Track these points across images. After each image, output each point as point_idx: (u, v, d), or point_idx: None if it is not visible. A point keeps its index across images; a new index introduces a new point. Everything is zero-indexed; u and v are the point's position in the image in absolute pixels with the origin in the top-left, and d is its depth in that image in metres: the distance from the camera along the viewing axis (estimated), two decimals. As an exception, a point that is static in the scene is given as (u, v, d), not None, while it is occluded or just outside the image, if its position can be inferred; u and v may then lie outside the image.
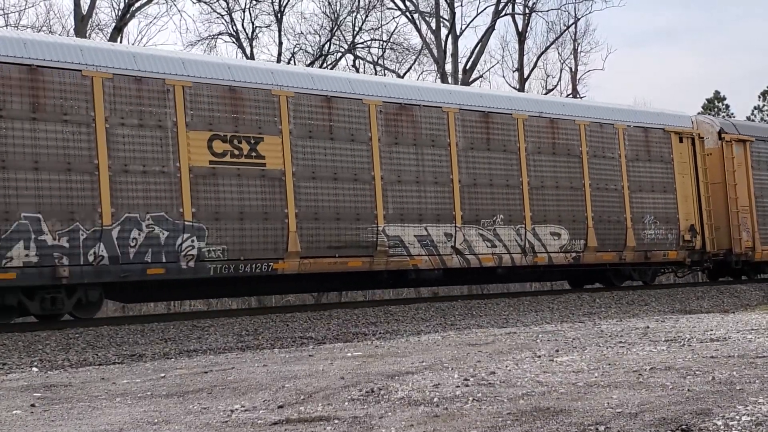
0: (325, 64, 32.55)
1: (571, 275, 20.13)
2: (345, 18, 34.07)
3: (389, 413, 5.05)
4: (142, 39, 32.00)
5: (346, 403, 5.44)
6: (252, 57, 31.17)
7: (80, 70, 12.67)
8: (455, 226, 16.15)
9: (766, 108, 55.82)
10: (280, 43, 32.28)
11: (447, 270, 16.26)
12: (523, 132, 17.36)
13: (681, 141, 20.03)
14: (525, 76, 38.18)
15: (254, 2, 32.47)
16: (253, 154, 14.00)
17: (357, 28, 34.31)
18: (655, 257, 19.36)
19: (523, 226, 17.18)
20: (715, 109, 53.40)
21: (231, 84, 13.93)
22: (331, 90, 15.02)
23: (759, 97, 56.70)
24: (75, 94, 12.54)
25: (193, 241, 13.26)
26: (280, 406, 5.48)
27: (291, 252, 14.18)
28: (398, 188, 15.58)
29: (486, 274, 17.69)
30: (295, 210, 14.32)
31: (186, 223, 13.23)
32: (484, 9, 39.75)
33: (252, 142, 14.00)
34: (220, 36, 32.39)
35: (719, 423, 4.37)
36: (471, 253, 16.29)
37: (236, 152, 13.85)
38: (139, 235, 12.87)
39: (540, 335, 9.70)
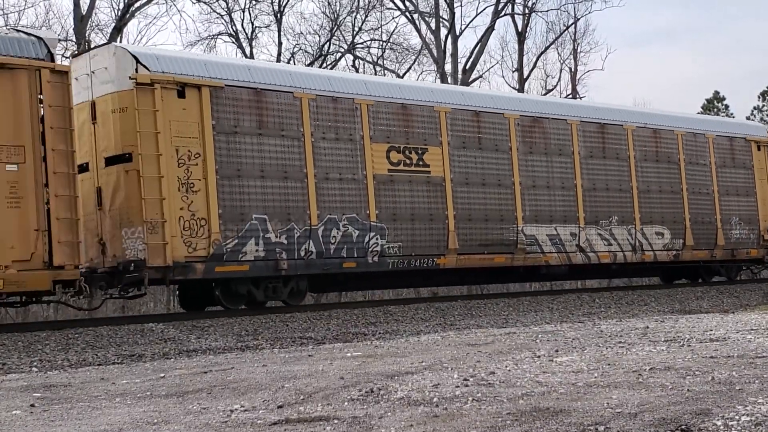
0: (324, 65, 32.54)
1: (664, 271, 22.10)
2: (345, 18, 34.08)
3: (389, 413, 5.05)
4: (141, 39, 31.98)
5: (346, 403, 5.44)
6: (252, 57, 31.16)
7: (292, 92, 14.75)
8: (579, 227, 18.22)
9: (765, 108, 55.82)
10: (280, 44, 32.29)
11: (571, 266, 18.31)
12: (632, 141, 19.47)
13: (759, 149, 22.37)
14: (525, 77, 38.19)
15: (254, 2, 32.47)
16: (420, 163, 16.09)
17: (357, 29, 34.32)
18: (739, 255, 21.51)
19: (634, 226, 19.24)
20: (715, 110, 53.42)
21: (402, 102, 16.03)
22: (478, 105, 17.11)
23: (759, 97, 56.70)
24: (289, 113, 14.68)
25: (377, 239, 15.37)
26: (280, 406, 5.47)
27: (450, 249, 16.25)
28: (533, 192, 17.63)
29: (602, 269, 19.97)
30: (453, 212, 16.37)
31: (372, 223, 15.32)
32: (484, 9, 39.66)
33: (419, 152, 16.09)
34: (219, 36, 32.38)
35: (719, 423, 4.37)
36: (592, 250, 18.36)
37: (408, 161, 15.93)
38: (337, 233, 14.92)
39: (539, 335, 9.70)
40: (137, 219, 13.17)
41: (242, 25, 33.54)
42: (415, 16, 35.37)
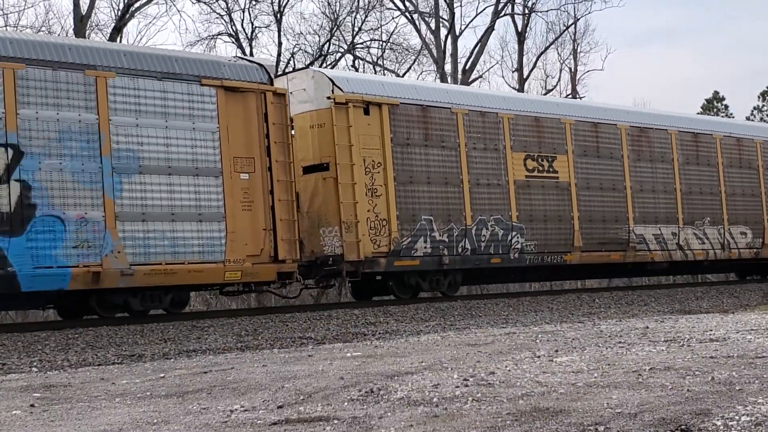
0: (324, 65, 32.53)
1: (742, 268, 23.83)
2: (344, 18, 34.05)
3: (389, 413, 5.05)
4: (141, 39, 32.00)
5: (346, 404, 5.44)
6: (251, 56, 31.13)
7: (450, 108, 16.85)
8: (678, 227, 20.32)
9: (765, 108, 55.83)
10: (280, 44, 32.27)
11: (671, 262, 20.31)
12: (720, 150, 21.60)
13: None
14: (524, 77, 38.20)
15: (254, 2, 32.46)
16: (550, 169, 18.10)
17: (356, 29, 34.30)
18: None
19: (722, 226, 21.37)
20: (714, 110, 53.41)
21: (536, 115, 18.10)
22: (595, 117, 19.17)
23: (758, 97, 56.72)
24: (448, 126, 16.73)
25: (517, 237, 17.36)
26: (280, 407, 5.47)
27: (575, 247, 18.29)
28: (641, 196, 19.66)
29: (696, 266, 22.07)
30: (578, 213, 18.38)
31: (513, 223, 17.37)
32: (484, 9, 39.70)
33: (549, 160, 18.11)
34: (219, 36, 32.37)
35: (719, 423, 4.37)
36: (689, 248, 20.48)
37: (540, 168, 17.94)
38: (486, 232, 16.97)
39: (539, 335, 9.70)
40: (334, 220, 15.34)
41: (242, 25, 33.49)
42: (415, 16, 35.40)
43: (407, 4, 35.39)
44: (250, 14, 32.78)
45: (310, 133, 15.46)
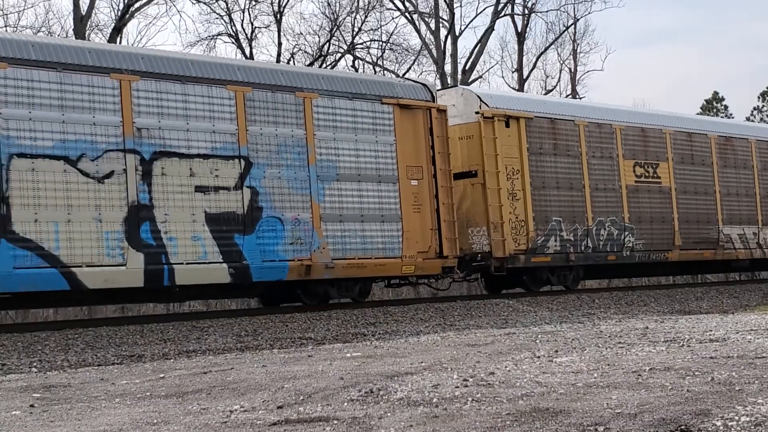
0: (324, 65, 32.53)
1: None
2: (344, 18, 34.04)
3: (388, 414, 5.05)
4: (141, 40, 31.96)
5: (346, 404, 5.44)
6: (251, 57, 31.17)
7: (573, 120, 18.65)
8: (758, 227, 22.12)
9: (765, 109, 55.83)
10: (280, 44, 32.26)
11: (752, 260, 22.05)
12: None
13: None
14: (524, 77, 38.20)
15: (253, 3, 32.46)
16: (654, 175, 19.97)
17: (356, 29, 34.30)
18: None
19: None
20: (714, 110, 53.42)
21: (641, 126, 19.95)
22: (690, 128, 21.00)
23: (758, 97, 56.73)
24: (571, 137, 18.56)
25: (629, 237, 19.16)
26: (280, 407, 5.48)
27: (675, 245, 20.00)
28: (728, 199, 21.44)
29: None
30: (677, 215, 20.15)
31: (626, 224, 19.14)
32: (483, 10, 39.69)
33: (653, 167, 19.97)
34: (219, 36, 32.35)
35: (718, 423, 4.37)
36: (766, 247, 22.26)
37: (646, 174, 19.81)
38: (604, 232, 18.79)
39: (539, 336, 9.70)
40: (482, 221, 17.25)
41: (242, 25, 33.54)
42: (415, 16, 35.37)
43: (407, 4, 35.39)
44: (249, 14, 32.80)
45: (458, 144, 17.43)
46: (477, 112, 17.32)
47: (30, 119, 11.91)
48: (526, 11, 37.35)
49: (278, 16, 32.36)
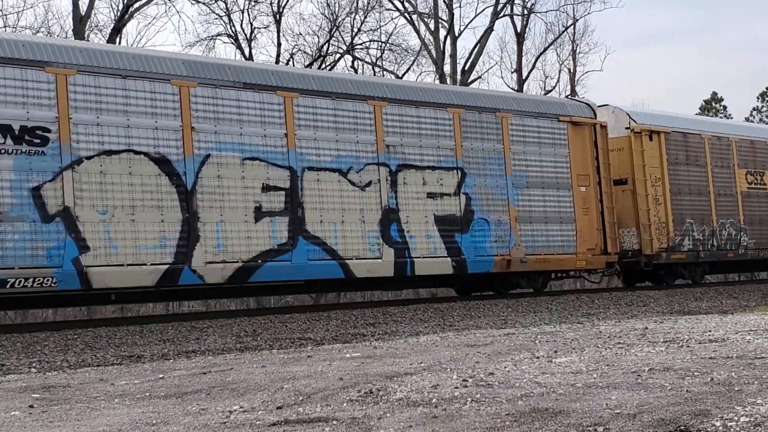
0: (323, 65, 32.52)
1: None
2: (344, 19, 34.04)
3: (388, 414, 5.05)
4: (140, 40, 31.96)
5: (345, 404, 5.44)
6: (251, 58, 31.16)
7: (699, 134, 21.22)
8: None
9: (765, 109, 55.85)
10: (279, 44, 32.24)
11: None
12: None
13: None
14: (523, 78, 38.20)
15: (253, 3, 32.46)
16: (762, 182, 22.82)
17: (356, 29, 34.29)
18: None
19: None
20: (713, 111, 53.43)
21: (751, 138, 22.71)
22: (752, 135, 23.13)
23: (758, 98, 56.76)
24: (699, 149, 21.24)
25: (744, 237, 21.88)
26: (279, 407, 5.47)
27: None
28: None
29: None
30: None
31: (741, 225, 21.90)
32: (483, 10, 39.59)
33: (761, 174, 22.81)
34: (218, 37, 32.34)
35: (718, 424, 4.37)
36: None
37: (756, 181, 22.61)
38: (725, 233, 21.49)
39: (538, 336, 9.70)
40: (632, 222, 19.80)
41: (241, 25, 33.58)
42: (414, 17, 35.37)
43: (406, 4, 35.39)
44: (249, 15, 32.79)
45: (610, 155, 19.50)
46: (627, 128, 19.99)
47: (315, 139, 14.68)
48: (526, 12, 37.35)
49: (277, 16, 32.36)
